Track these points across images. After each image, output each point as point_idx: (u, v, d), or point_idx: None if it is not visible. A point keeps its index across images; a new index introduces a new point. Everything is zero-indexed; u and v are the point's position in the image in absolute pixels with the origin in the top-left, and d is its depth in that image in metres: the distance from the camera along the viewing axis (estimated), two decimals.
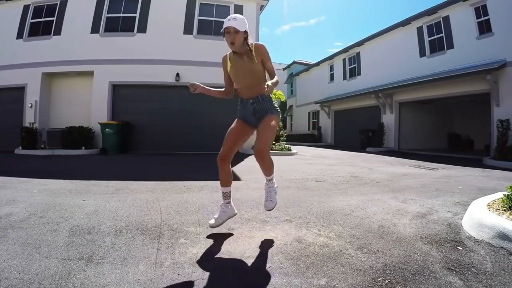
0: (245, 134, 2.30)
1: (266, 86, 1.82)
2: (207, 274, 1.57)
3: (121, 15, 10.13)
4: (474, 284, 1.47)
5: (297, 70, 23.96)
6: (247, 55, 2.09)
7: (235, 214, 2.34)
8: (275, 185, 2.39)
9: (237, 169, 6.00)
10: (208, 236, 2.13)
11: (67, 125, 9.26)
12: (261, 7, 11.50)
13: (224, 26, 1.99)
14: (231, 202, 2.29)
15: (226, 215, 2.23)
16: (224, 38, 2.04)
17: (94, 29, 9.93)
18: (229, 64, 2.18)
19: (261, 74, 2.12)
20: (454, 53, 10.81)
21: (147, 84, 10.07)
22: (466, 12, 10.30)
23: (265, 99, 2.17)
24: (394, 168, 6.47)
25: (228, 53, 2.21)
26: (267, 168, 2.22)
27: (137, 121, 9.89)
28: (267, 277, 1.55)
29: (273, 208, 2.31)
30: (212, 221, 2.18)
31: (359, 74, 16.36)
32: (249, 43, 2.10)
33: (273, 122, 2.13)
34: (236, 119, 2.30)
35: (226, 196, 2.26)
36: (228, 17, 2.03)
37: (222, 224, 2.20)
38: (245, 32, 2.04)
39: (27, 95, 9.83)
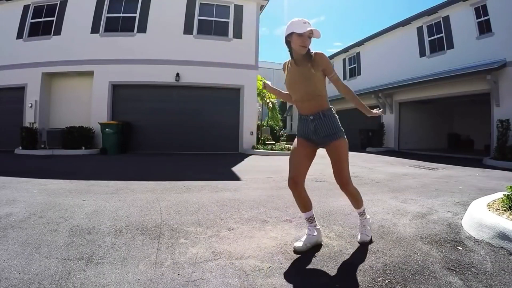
0: (312, 152, 2.02)
1: (376, 112, 2.05)
2: (207, 274, 1.57)
3: (121, 15, 10.13)
4: (474, 284, 1.47)
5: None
6: (306, 63, 1.85)
7: (321, 241, 2.05)
8: (368, 218, 2.16)
9: (237, 169, 6.01)
10: (208, 236, 2.13)
11: (67, 125, 9.26)
12: (261, 7, 11.49)
13: (308, 28, 1.75)
14: (318, 226, 2.05)
15: (315, 238, 1.97)
16: (288, 42, 1.84)
17: (94, 29, 9.93)
18: (286, 71, 1.97)
19: (321, 86, 1.88)
20: (454, 53, 10.80)
21: (147, 84, 10.07)
22: (466, 12, 10.29)
23: (327, 116, 1.91)
24: (394, 168, 6.47)
25: (288, 60, 1.98)
26: (355, 200, 2.05)
27: (137, 121, 9.89)
28: (267, 277, 1.55)
29: (367, 241, 2.04)
30: (299, 244, 1.91)
31: (359, 74, 16.36)
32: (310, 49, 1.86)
33: (343, 149, 1.92)
34: (296, 138, 2.05)
35: (311, 220, 2.01)
36: (302, 19, 1.79)
37: (308, 249, 1.91)
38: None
39: (27, 95, 9.83)
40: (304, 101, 1.93)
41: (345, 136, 1.96)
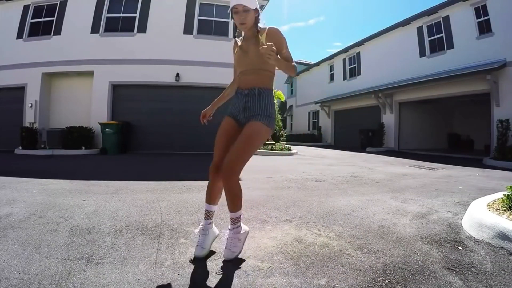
0: (236, 135, 1.75)
1: (263, 46, 1.50)
2: (207, 274, 1.57)
3: (121, 15, 10.13)
4: (474, 284, 1.47)
5: (297, 70, 23.97)
6: (255, 38, 1.75)
7: (218, 234, 1.90)
8: (242, 230, 1.79)
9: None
10: None
11: (67, 125, 9.27)
12: (261, 7, 11.47)
13: (232, 4, 1.67)
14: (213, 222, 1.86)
15: (211, 238, 1.80)
16: (233, 20, 1.74)
17: (94, 29, 9.93)
18: (236, 49, 1.86)
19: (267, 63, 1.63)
20: (454, 53, 10.81)
21: (147, 84, 10.07)
22: (466, 12, 10.30)
23: (262, 94, 1.74)
24: (394, 168, 6.47)
25: (240, 37, 1.87)
26: (232, 198, 1.69)
27: (137, 121, 9.89)
28: (267, 277, 1.55)
29: (233, 257, 1.71)
30: (199, 251, 1.72)
31: (359, 74, 16.36)
32: (258, 25, 1.76)
33: (256, 134, 1.68)
34: (225, 117, 1.85)
35: (210, 216, 1.81)
36: None
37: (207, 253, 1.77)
38: (256, 10, 1.72)
39: (27, 95, 9.84)
40: (248, 74, 1.77)
41: (270, 126, 1.75)
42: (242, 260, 1.74)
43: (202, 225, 1.81)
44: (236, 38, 1.90)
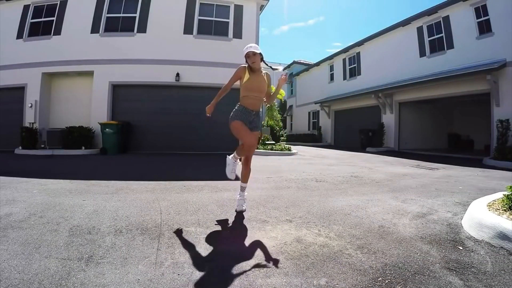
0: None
1: (284, 75, 2.74)
2: (207, 274, 1.57)
3: (121, 15, 10.13)
4: (474, 284, 1.47)
5: (297, 70, 23.97)
6: (262, 75, 2.72)
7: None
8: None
9: (237, 169, 6.00)
10: (208, 236, 2.13)
11: (67, 125, 9.26)
12: (261, 7, 11.49)
13: (246, 51, 2.61)
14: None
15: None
16: (246, 61, 2.66)
17: (94, 29, 9.93)
18: (246, 76, 2.66)
19: (266, 91, 2.78)
20: (454, 53, 10.80)
21: (147, 84, 10.07)
22: (466, 12, 10.30)
23: (259, 115, 2.81)
24: (394, 168, 6.47)
25: (246, 65, 2.69)
26: (248, 175, 2.91)
27: (137, 121, 9.89)
28: (267, 277, 1.55)
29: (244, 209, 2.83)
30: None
31: (359, 74, 16.36)
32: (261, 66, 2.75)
33: (256, 139, 2.79)
34: (237, 121, 2.70)
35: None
36: (246, 46, 2.66)
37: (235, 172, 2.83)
38: (260, 53, 2.66)
39: (27, 95, 9.83)
40: (257, 99, 2.74)
41: (261, 132, 2.84)
42: (242, 260, 1.74)
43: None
44: (246, 66, 2.70)
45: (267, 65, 2.82)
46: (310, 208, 2.94)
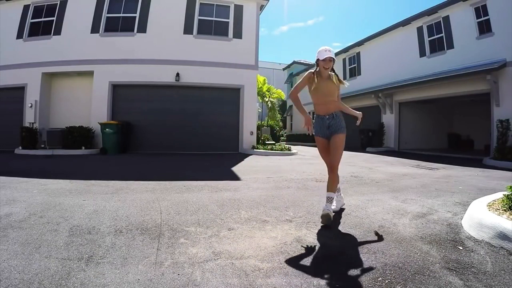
0: (328, 145, 2.70)
1: (358, 122, 2.92)
2: (207, 274, 1.57)
3: (121, 15, 10.13)
4: (474, 284, 1.47)
5: (297, 70, 23.95)
6: (330, 78, 2.65)
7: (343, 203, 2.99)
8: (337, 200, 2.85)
9: (237, 169, 6.01)
10: (208, 236, 2.13)
11: (67, 125, 9.26)
12: (261, 7, 11.49)
13: (326, 56, 2.53)
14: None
15: (340, 203, 2.87)
16: (318, 64, 2.60)
17: (94, 29, 9.93)
18: (314, 83, 2.62)
19: (336, 94, 2.72)
20: (454, 53, 10.80)
21: (147, 84, 10.08)
22: (466, 12, 10.29)
23: (336, 117, 2.68)
24: (394, 168, 6.47)
25: (314, 70, 2.68)
26: (335, 183, 2.62)
27: (137, 121, 9.89)
28: (267, 277, 1.55)
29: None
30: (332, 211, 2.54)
31: (359, 74, 16.35)
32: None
33: (342, 141, 2.65)
34: (316, 137, 2.75)
35: (330, 200, 2.56)
36: (324, 48, 2.58)
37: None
38: (334, 60, 2.62)
39: (27, 95, 9.83)
40: (326, 104, 2.67)
41: (345, 133, 2.70)
42: (242, 260, 1.74)
43: (326, 204, 2.54)
44: (314, 72, 2.68)
45: (335, 73, 2.72)
46: (310, 208, 2.94)
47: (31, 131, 9.22)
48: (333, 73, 2.68)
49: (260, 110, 17.31)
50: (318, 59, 2.60)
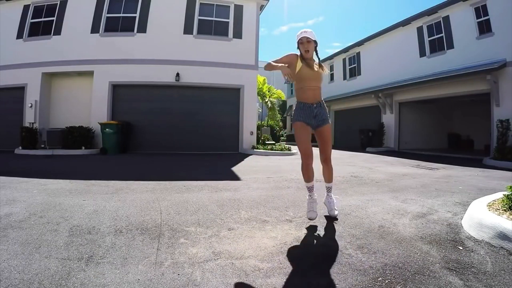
0: (310, 133, 2.55)
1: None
2: (207, 274, 1.57)
3: (121, 15, 10.13)
4: (474, 284, 1.47)
5: None
6: (316, 63, 2.50)
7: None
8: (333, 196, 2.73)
9: (237, 169, 6.00)
10: (208, 236, 2.13)
11: (67, 125, 9.27)
12: (261, 7, 11.49)
13: (299, 37, 2.40)
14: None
15: (317, 204, 2.59)
16: (298, 48, 2.45)
17: (94, 29, 9.93)
18: (298, 65, 2.43)
19: (322, 81, 2.55)
20: (454, 53, 10.80)
21: (147, 84, 10.08)
22: (466, 12, 10.29)
23: (323, 106, 2.54)
24: (394, 168, 6.47)
25: (298, 54, 2.49)
26: (330, 174, 2.64)
27: (137, 121, 9.89)
28: (267, 277, 1.55)
29: (336, 214, 2.63)
30: (312, 214, 2.43)
31: (359, 74, 16.35)
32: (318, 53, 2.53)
33: (330, 132, 2.57)
34: (297, 123, 2.50)
35: (311, 189, 2.54)
36: (300, 30, 2.44)
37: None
38: (315, 41, 2.45)
39: (27, 95, 9.83)
40: (314, 89, 2.47)
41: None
42: (242, 260, 1.74)
43: (309, 195, 2.52)
44: (298, 55, 2.48)
45: (318, 58, 2.54)
46: None
47: (31, 131, 9.23)
48: (316, 60, 2.53)
49: (260, 110, 17.31)
50: (297, 44, 2.46)
